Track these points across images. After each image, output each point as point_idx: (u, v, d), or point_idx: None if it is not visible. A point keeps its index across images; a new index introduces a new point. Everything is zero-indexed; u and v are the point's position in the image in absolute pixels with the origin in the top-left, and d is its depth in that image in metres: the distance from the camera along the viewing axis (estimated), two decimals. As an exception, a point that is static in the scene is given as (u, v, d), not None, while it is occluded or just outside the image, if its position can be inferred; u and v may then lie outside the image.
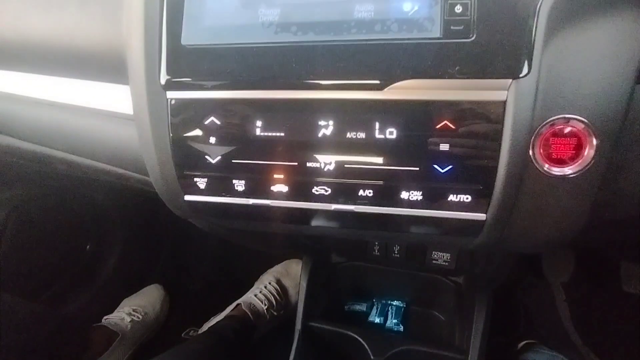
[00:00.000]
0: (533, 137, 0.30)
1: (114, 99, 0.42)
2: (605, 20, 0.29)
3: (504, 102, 0.29)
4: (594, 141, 0.30)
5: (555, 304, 0.84)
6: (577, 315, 0.82)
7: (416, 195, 0.32)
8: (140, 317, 0.96)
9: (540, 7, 0.28)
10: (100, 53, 0.40)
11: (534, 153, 0.30)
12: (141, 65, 0.34)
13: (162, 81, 0.33)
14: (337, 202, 0.33)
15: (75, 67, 0.43)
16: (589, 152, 0.30)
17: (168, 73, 0.33)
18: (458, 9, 0.29)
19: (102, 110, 0.42)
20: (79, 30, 0.41)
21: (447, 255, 0.59)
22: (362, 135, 0.31)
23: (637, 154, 0.32)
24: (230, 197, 0.35)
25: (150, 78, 0.34)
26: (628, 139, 0.31)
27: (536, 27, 0.28)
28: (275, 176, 0.33)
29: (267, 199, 0.34)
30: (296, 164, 0.33)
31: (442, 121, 0.30)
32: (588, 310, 0.82)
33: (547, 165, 0.31)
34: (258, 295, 0.95)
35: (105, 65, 0.41)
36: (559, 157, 0.30)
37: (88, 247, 1.03)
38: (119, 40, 0.37)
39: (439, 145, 0.30)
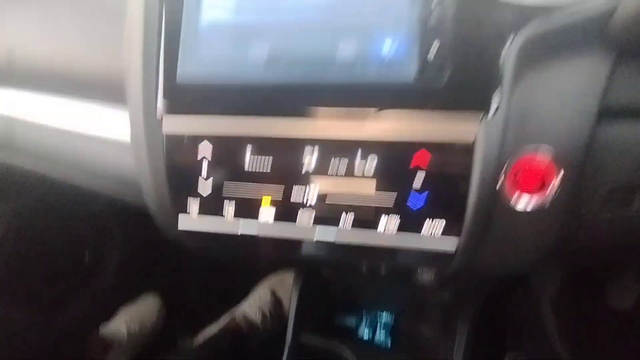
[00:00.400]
0: (502, 171, 0.32)
1: (113, 124, 0.44)
2: (568, 63, 0.32)
3: (474, 140, 0.31)
4: (560, 173, 0.32)
5: (542, 318, 0.86)
6: (564, 330, 0.84)
7: (390, 229, 0.34)
8: (137, 327, 0.97)
9: (507, 51, 0.31)
10: (101, 81, 0.42)
11: (502, 185, 0.33)
12: (139, 100, 0.37)
13: (158, 116, 0.36)
14: (320, 234, 0.36)
15: (76, 89, 0.45)
16: (554, 183, 0.32)
17: (164, 109, 0.36)
18: (432, 53, 0.31)
19: (102, 137, 0.45)
20: (81, 57, 0.44)
21: (431, 274, 0.61)
22: (342, 170, 0.34)
23: (600, 183, 0.34)
24: (220, 227, 0.37)
25: (147, 112, 0.37)
26: (591, 170, 0.34)
27: (504, 71, 0.31)
28: (262, 208, 0.36)
29: (255, 229, 0.37)
30: (280, 197, 0.35)
31: (416, 160, 0.32)
32: (576, 326, 0.84)
33: (515, 196, 0.33)
34: (252, 306, 0.97)
35: (105, 91, 0.43)
36: (526, 188, 0.33)
37: (87, 257, 1.05)
38: (119, 71, 0.40)
39: (412, 183, 0.33)
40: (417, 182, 0.33)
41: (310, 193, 0.35)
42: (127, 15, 0.38)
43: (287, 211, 0.36)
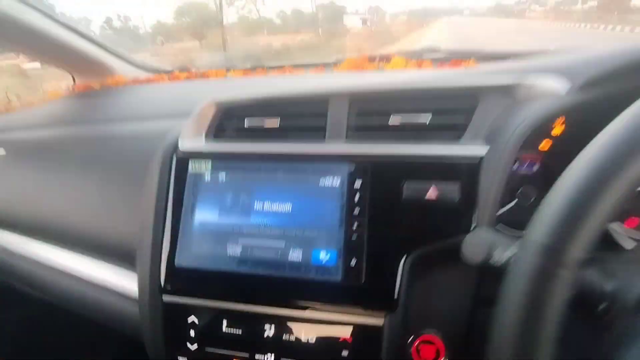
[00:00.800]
0: (406, 346, 0.45)
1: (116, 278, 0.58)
2: (448, 269, 0.45)
3: (382, 326, 0.44)
4: (447, 349, 0.45)
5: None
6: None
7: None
8: None
9: (404, 263, 0.44)
10: (114, 248, 0.56)
11: (407, 356, 0.45)
12: (147, 274, 0.50)
13: (158, 289, 0.49)
14: None
15: (91, 249, 0.59)
16: (445, 356, 0.45)
17: (164, 284, 0.49)
18: (353, 262, 0.45)
19: (108, 286, 0.58)
20: (102, 227, 0.58)
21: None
22: (292, 338, 0.47)
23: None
24: None
25: (153, 282, 0.50)
26: (474, 347, 0.46)
27: (403, 276, 0.44)
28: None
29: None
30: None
31: (340, 337, 0.45)
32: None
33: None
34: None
35: (114, 252, 0.57)
36: (425, 358, 0.45)
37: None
38: (130, 241, 0.54)
39: (340, 353, 0.45)
40: (344, 353, 0.45)
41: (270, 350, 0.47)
42: (142, 204, 0.53)
43: None
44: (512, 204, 0.51)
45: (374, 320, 0.44)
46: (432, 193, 0.44)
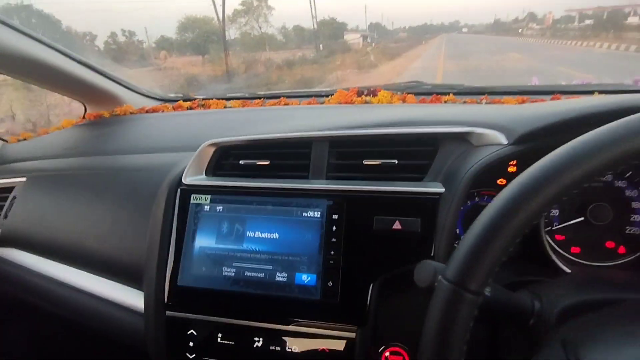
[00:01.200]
0: (376, 355, 0.52)
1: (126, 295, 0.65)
2: (411, 290, 0.52)
3: (355, 338, 0.52)
4: (411, 359, 0.52)
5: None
6: None
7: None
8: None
9: (373, 285, 0.52)
10: (123, 269, 0.64)
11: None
12: (152, 291, 0.58)
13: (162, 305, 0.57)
14: None
15: (102, 270, 0.67)
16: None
17: (167, 301, 0.57)
18: (330, 283, 0.53)
19: (117, 302, 0.66)
20: (112, 249, 0.65)
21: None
22: (278, 348, 0.54)
23: None
24: None
25: (158, 298, 0.57)
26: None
27: (372, 297, 0.52)
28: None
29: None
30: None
31: (319, 347, 0.52)
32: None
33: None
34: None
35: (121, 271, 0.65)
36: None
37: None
38: (137, 262, 0.61)
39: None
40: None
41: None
42: (149, 230, 0.61)
43: None
44: None
45: (348, 333, 0.52)
46: (397, 225, 0.52)
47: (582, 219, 0.57)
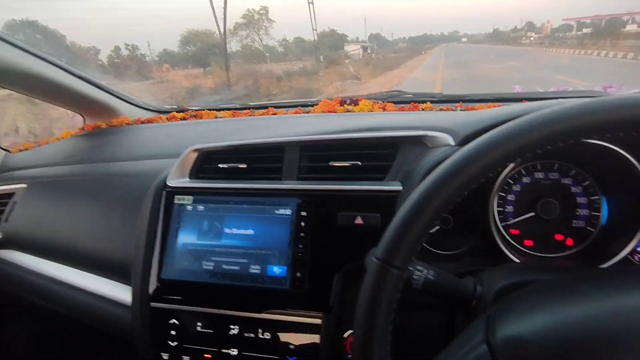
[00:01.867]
0: (341, 340, 0.57)
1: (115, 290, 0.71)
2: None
3: (320, 325, 0.57)
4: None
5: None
6: None
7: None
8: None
9: (338, 275, 0.57)
10: (113, 266, 0.69)
11: (342, 348, 0.57)
12: (138, 284, 0.63)
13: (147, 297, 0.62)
14: None
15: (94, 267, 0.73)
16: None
17: (152, 293, 0.62)
18: (299, 274, 0.58)
19: (107, 296, 0.71)
20: (104, 248, 0.71)
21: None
22: (252, 335, 0.59)
23: None
24: None
25: (143, 290, 0.62)
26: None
27: (336, 287, 0.57)
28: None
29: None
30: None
31: (289, 332, 0.57)
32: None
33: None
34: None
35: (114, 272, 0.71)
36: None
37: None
38: (124, 259, 0.67)
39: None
40: (292, 346, 0.57)
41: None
42: (137, 230, 0.66)
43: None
44: (435, 228, 0.64)
45: (315, 320, 0.57)
46: (359, 220, 0.58)
47: (532, 214, 0.62)
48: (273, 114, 1.17)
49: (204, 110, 1.25)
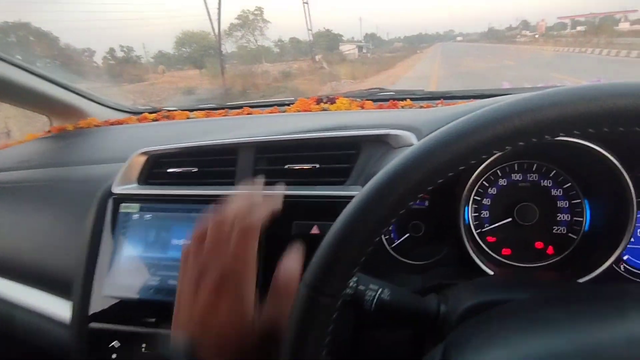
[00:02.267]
0: None
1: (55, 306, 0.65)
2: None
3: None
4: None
5: None
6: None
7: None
8: None
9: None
10: (55, 280, 0.64)
11: None
12: (78, 301, 0.57)
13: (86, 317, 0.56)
14: None
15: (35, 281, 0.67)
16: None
17: (92, 312, 0.56)
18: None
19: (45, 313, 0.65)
20: (46, 260, 0.65)
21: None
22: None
23: None
24: None
25: (82, 309, 0.57)
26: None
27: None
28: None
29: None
30: None
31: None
32: None
33: None
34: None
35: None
36: None
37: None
38: (65, 274, 0.61)
39: None
40: None
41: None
42: (79, 241, 0.60)
43: None
44: (406, 236, 0.59)
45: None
46: (315, 230, 0.52)
47: (509, 219, 0.57)
48: (248, 113, 1.12)
49: (176, 110, 1.20)
